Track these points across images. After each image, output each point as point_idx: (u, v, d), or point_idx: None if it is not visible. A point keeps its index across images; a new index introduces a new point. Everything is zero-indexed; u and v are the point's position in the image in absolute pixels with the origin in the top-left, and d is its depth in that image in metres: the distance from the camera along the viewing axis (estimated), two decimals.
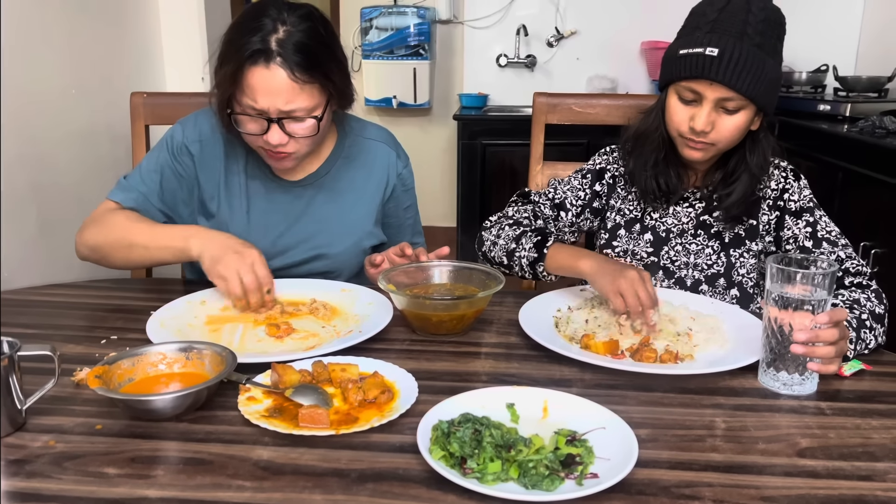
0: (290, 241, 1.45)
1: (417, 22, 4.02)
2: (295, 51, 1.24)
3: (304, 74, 1.24)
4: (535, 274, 1.31)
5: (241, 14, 1.32)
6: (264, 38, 1.23)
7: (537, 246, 1.30)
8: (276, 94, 1.24)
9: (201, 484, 0.78)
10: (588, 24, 4.02)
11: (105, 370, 0.93)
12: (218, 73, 1.29)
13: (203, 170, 1.43)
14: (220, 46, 1.29)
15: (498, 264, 1.36)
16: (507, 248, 1.34)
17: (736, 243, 1.37)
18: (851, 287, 1.23)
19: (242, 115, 1.29)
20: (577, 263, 1.24)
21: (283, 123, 1.28)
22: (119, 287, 1.44)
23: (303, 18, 1.27)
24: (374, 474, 0.80)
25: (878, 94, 3.04)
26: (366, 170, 1.50)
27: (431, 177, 4.39)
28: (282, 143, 1.29)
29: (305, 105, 1.27)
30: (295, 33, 1.25)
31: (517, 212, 1.43)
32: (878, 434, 0.90)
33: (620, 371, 1.05)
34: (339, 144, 1.48)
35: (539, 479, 0.77)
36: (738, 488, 0.78)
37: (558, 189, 1.45)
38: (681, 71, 1.23)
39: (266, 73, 1.23)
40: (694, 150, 1.27)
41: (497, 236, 1.37)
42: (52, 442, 0.86)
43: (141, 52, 2.50)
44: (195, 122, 1.45)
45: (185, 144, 1.42)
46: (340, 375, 0.99)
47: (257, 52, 1.23)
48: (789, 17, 1.26)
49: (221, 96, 1.29)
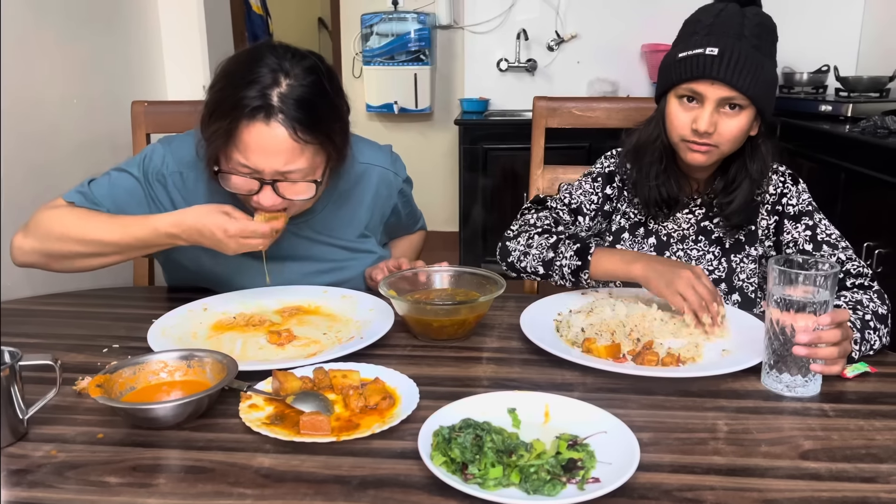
0: (296, 276, 1.37)
1: (418, 27, 4.03)
2: (298, 107, 1.12)
3: (306, 134, 1.13)
4: (576, 282, 1.29)
5: (234, 59, 1.19)
6: (264, 91, 1.12)
7: (579, 253, 1.27)
8: (274, 155, 1.13)
9: (202, 492, 0.78)
10: (588, 27, 4.03)
11: (106, 379, 0.93)
12: (208, 127, 1.16)
13: (179, 202, 1.30)
14: (211, 95, 1.17)
15: (531, 274, 1.33)
16: (544, 258, 1.30)
17: (736, 249, 1.37)
18: (853, 288, 1.23)
19: (231, 174, 1.17)
20: (629, 269, 1.22)
21: (277, 186, 1.16)
22: (121, 296, 1.44)
23: (308, 72, 1.16)
24: (376, 481, 0.80)
25: (880, 94, 3.04)
26: (363, 199, 1.41)
27: (433, 182, 4.40)
28: (275, 205, 1.18)
29: (304, 166, 1.16)
30: (297, 87, 1.13)
31: (539, 219, 1.40)
32: (881, 436, 0.90)
33: (622, 375, 1.05)
34: (333, 178, 1.33)
35: (540, 484, 0.76)
36: (740, 491, 0.78)
37: (574, 194, 1.44)
38: (681, 73, 1.24)
39: (265, 131, 1.12)
40: (697, 152, 1.27)
41: (528, 245, 1.33)
42: (53, 451, 0.86)
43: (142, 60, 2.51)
44: (179, 148, 1.31)
45: (164, 173, 1.29)
46: (342, 382, 0.99)
47: (257, 108, 1.11)
48: (790, 17, 1.28)
49: (211, 152, 1.17)
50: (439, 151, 4.44)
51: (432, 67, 4.16)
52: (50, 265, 1.26)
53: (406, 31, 4.04)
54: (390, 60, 4.10)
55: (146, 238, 1.21)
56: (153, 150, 1.33)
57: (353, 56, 4.36)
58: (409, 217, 1.59)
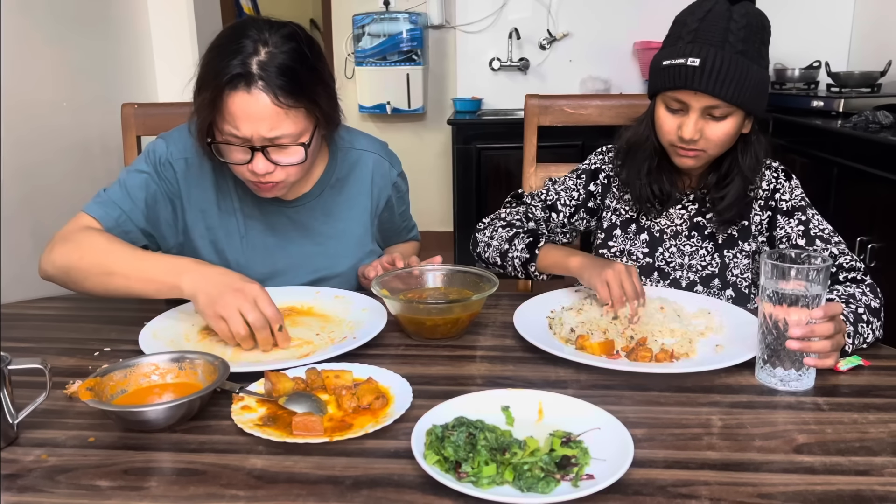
0: (289, 264, 1.40)
1: (410, 28, 4.03)
2: (278, 73, 1.15)
3: (288, 99, 1.16)
4: (527, 273, 1.37)
5: (220, 35, 1.23)
6: (244, 60, 1.15)
7: (529, 247, 1.36)
8: (258, 121, 1.16)
9: (195, 494, 0.78)
10: (580, 26, 4.03)
11: (97, 382, 0.93)
12: (196, 99, 1.20)
13: (188, 189, 1.34)
14: (199, 69, 1.21)
15: (492, 265, 1.40)
16: (501, 249, 1.39)
17: (729, 244, 1.37)
18: (846, 282, 1.23)
19: (224, 144, 1.21)
20: (567, 261, 1.30)
21: (268, 152, 1.19)
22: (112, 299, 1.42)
23: (286, 39, 1.19)
24: (369, 481, 0.80)
25: (871, 89, 3.04)
26: (360, 186, 1.44)
27: (427, 182, 4.39)
28: (268, 171, 1.21)
29: (291, 131, 1.19)
30: (278, 55, 1.16)
31: (510, 214, 1.47)
32: (875, 428, 0.90)
33: (616, 371, 1.04)
34: (330, 162, 1.41)
35: (534, 481, 0.76)
36: (735, 486, 0.78)
37: (551, 190, 1.47)
38: (665, 82, 1.24)
39: (247, 99, 1.15)
40: (685, 157, 1.28)
41: (491, 238, 1.42)
42: (44, 456, 0.85)
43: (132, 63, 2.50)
44: (179, 138, 1.35)
45: (170, 161, 1.33)
46: (334, 382, 0.98)
47: (237, 76, 1.14)
48: (781, 14, 1.27)
49: (201, 124, 1.21)
50: (433, 151, 4.44)
51: (424, 67, 4.15)
52: (68, 285, 1.26)
53: (398, 32, 4.03)
54: (382, 61, 4.10)
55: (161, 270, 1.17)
56: (155, 144, 1.36)
57: (346, 57, 4.35)
58: (402, 218, 1.59)
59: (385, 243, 1.58)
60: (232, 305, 1.09)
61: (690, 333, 1.16)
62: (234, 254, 1.37)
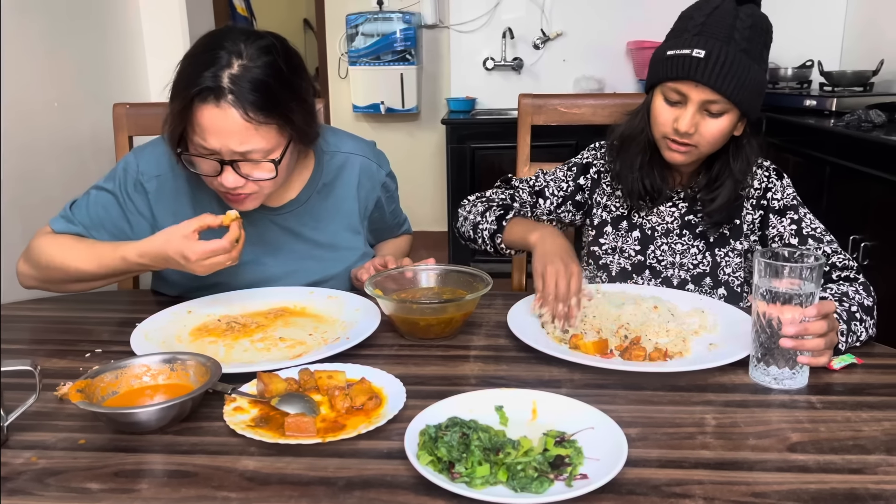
0: (281, 272, 1.37)
1: (403, 27, 4.02)
2: (251, 89, 1.13)
3: (259, 115, 1.14)
4: (495, 247, 1.38)
5: (196, 44, 1.20)
6: (216, 73, 1.12)
7: (498, 219, 1.37)
8: (227, 136, 1.14)
9: (186, 496, 0.77)
10: (573, 25, 4.03)
11: (87, 384, 0.92)
12: (169, 107, 1.18)
13: (161, 207, 1.32)
14: (173, 77, 1.18)
15: (467, 240, 1.43)
16: (474, 222, 1.41)
17: (721, 243, 1.37)
18: (839, 281, 1.23)
19: (195, 156, 1.19)
20: (528, 236, 1.29)
21: (238, 166, 1.17)
22: (104, 300, 1.43)
23: (262, 52, 1.16)
24: (362, 482, 0.79)
25: (864, 88, 3.05)
26: (347, 190, 1.42)
27: (421, 181, 4.39)
28: (238, 185, 1.19)
29: (261, 146, 1.16)
30: (252, 69, 1.14)
31: (495, 192, 1.49)
32: (868, 427, 0.90)
33: (610, 370, 1.04)
34: (316, 168, 1.38)
35: (528, 481, 0.76)
36: (728, 485, 0.78)
37: (541, 177, 1.48)
38: (667, 72, 1.23)
39: (216, 113, 1.13)
40: (676, 152, 1.27)
41: (469, 212, 1.45)
42: (34, 458, 0.85)
43: (124, 63, 2.49)
44: (153, 153, 1.33)
45: (140, 182, 1.31)
46: (327, 383, 0.98)
47: (206, 89, 1.12)
48: (774, 13, 1.27)
49: (172, 132, 1.19)
50: (427, 151, 4.43)
51: (418, 67, 4.15)
52: (49, 289, 1.35)
53: (391, 31, 4.03)
54: (376, 60, 4.09)
55: (118, 267, 1.25)
56: (126, 162, 1.35)
57: (339, 57, 4.34)
58: (392, 216, 1.58)
59: (377, 240, 1.58)
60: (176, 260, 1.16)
61: (684, 332, 1.15)
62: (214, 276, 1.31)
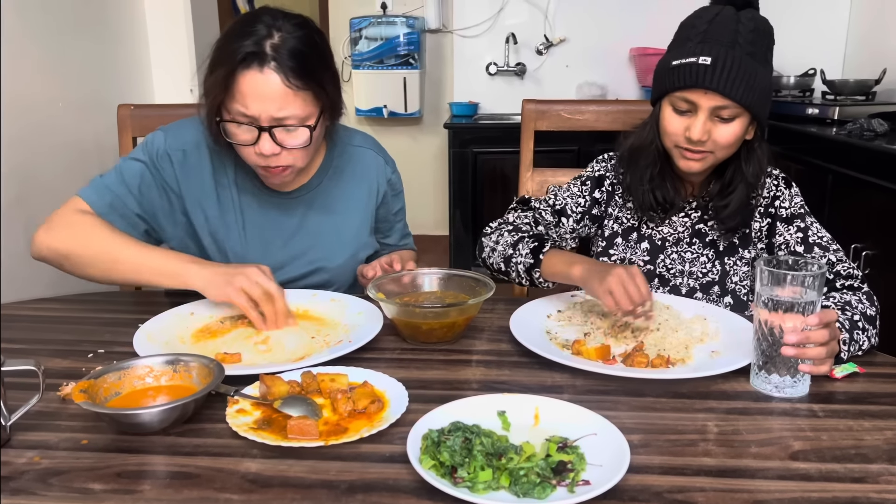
0: (287, 256, 1.42)
1: (407, 31, 4.03)
2: (290, 56, 1.21)
3: (298, 80, 1.21)
4: (531, 280, 1.29)
5: (235, 21, 1.29)
6: (259, 41, 1.21)
7: (534, 252, 1.28)
8: (268, 100, 1.21)
9: (188, 498, 0.77)
10: (576, 31, 4.04)
11: (90, 384, 0.92)
12: (208, 80, 1.25)
13: (186, 180, 1.37)
14: (212, 53, 1.26)
15: (496, 271, 1.34)
16: (505, 255, 1.32)
17: (730, 251, 1.37)
18: (843, 290, 1.23)
19: (232, 124, 1.25)
20: (570, 270, 1.22)
21: (274, 133, 1.23)
22: (107, 301, 1.43)
23: (298, 26, 1.25)
24: (364, 485, 0.79)
25: (866, 96, 3.05)
26: (356, 179, 1.48)
27: (423, 186, 4.39)
28: (274, 153, 1.25)
29: (298, 113, 1.24)
30: (290, 39, 1.22)
31: (518, 218, 1.41)
32: (870, 436, 0.90)
33: (612, 377, 1.04)
34: (328, 155, 1.45)
35: (530, 486, 0.76)
36: (730, 493, 0.78)
37: (559, 196, 1.44)
38: (674, 81, 1.23)
39: (259, 78, 1.20)
40: (691, 160, 1.27)
41: (496, 242, 1.35)
42: (37, 458, 0.85)
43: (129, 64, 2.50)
44: (179, 130, 1.39)
45: (167, 151, 1.36)
46: (330, 386, 0.98)
47: (251, 55, 1.20)
48: (777, 21, 1.27)
49: (211, 104, 1.25)
50: (429, 155, 4.44)
51: (421, 71, 4.16)
52: (63, 268, 1.31)
53: (395, 35, 4.04)
54: (379, 64, 4.10)
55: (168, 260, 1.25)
56: (154, 135, 1.40)
57: (342, 60, 4.35)
58: (397, 217, 1.59)
59: (381, 245, 1.58)
60: (236, 286, 1.17)
61: (687, 339, 1.16)
62: (233, 246, 1.40)
